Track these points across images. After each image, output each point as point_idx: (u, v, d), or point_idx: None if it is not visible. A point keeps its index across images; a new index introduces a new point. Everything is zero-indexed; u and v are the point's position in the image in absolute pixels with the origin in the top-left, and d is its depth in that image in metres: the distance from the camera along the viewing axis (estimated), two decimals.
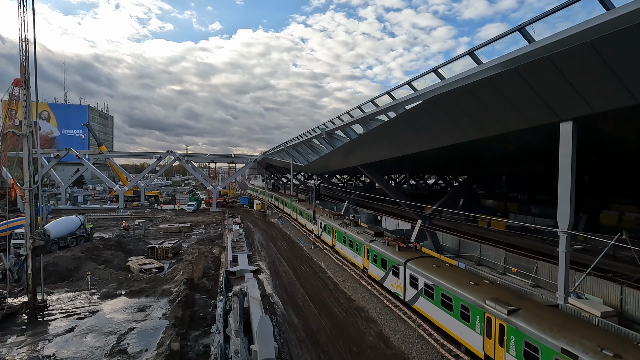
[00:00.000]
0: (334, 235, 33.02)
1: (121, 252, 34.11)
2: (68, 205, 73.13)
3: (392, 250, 21.96)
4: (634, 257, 14.58)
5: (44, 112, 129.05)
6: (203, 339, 17.56)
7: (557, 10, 10.09)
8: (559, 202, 12.63)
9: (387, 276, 21.80)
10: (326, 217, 37.76)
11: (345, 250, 29.79)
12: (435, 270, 17.74)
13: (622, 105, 9.91)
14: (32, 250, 20.37)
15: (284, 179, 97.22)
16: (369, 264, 24.72)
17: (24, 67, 19.52)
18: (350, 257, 28.60)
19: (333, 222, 34.13)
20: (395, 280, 20.84)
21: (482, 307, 13.71)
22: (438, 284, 16.63)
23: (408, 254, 20.62)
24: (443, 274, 17.16)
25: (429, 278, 17.38)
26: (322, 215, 39.13)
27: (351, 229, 29.72)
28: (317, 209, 42.72)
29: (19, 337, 17.43)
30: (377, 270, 23.25)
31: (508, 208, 46.15)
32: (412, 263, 19.36)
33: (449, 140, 17.83)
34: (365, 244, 25.17)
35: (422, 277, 18.02)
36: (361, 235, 26.76)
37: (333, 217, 36.47)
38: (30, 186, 20.41)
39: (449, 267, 18.30)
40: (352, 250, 27.89)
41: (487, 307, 13.44)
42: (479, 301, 14.02)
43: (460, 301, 15.00)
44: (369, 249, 24.47)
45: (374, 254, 23.79)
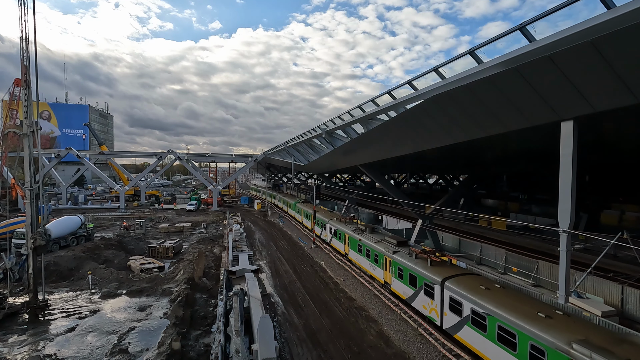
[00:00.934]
0: (346, 242, 30.05)
1: (122, 251, 34.17)
2: (69, 204, 73.26)
3: (422, 264, 18.88)
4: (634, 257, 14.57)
5: (45, 111, 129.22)
6: (204, 339, 17.59)
7: (558, 9, 10.06)
8: (559, 201, 12.61)
9: (417, 296, 18.68)
10: (336, 221, 34.36)
11: (361, 260, 26.64)
12: (485, 293, 14.51)
13: (623, 105, 9.88)
14: (33, 249, 20.41)
15: (285, 179, 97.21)
16: (392, 278, 21.67)
17: (25, 66, 19.53)
18: (367, 269, 25.45)
19: (345, 227, 31.08)
20: (428, 301, 17.66)
21: (567, 353, 10.35)
22: (493, 313, 13.39)
23: (444, 271, 17.54)
24: (498, 299, 13.94)
25: (478, 304, 14.22)
26: (332, 219, 35.56)
27: (367, 236, 26.59)
28: (325, 211, 40.58)
29: (20, 337, 17.48)
30: (403, 287, 20.26)
31: (509, 207, 46.10)
32: (452, 283, 16.14)
33: (450, 140, 17.80)
34: (388, 255, 22.19)
35: (468, 301, 14.81)
36: (381, 244, 23.82)
37: (345, 222, 33.09)
38: (31, 186, 20.43)
39: (502, 290, 14.76)
40: (370, 262, 24.75)
41: (579, 356, 9.96)
42: (561, 344, 10.64)
43: (529, 339, 11.74)
44: (393, 262, 21.48)
45: (398, 268, 20.78)
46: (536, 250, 26.26)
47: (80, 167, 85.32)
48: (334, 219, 35.46)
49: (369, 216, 49.84)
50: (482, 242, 28.88)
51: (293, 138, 48.70)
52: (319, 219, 38.96)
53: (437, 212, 29.21)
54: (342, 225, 32.21)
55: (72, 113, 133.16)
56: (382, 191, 47.12)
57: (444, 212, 30.58)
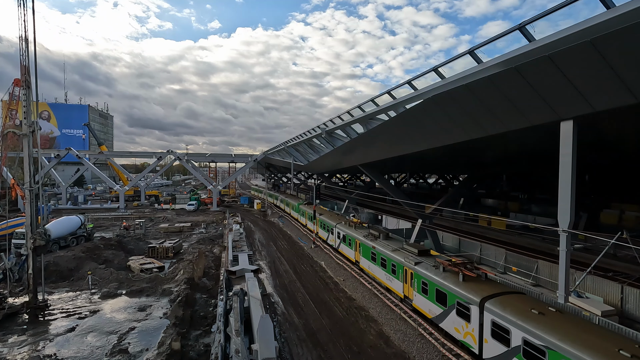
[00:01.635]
0: (357, 249, 27.35)
1: (122, 251, 34.16)
2: (69, 205, 73.21)
3: (452, 279, 16.18)
4: (634, 256, 14.59)
5: (44, 112, 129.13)
6: (204, 339, 17.59)
7: (558, 9, 10.08)
8: (559, 201, 12.63)
9: (447, 316, 16.02)
10: (345, 225, 31.49)
11: (375, 269, 24.02)
12: (540, 320, 11.71)
13: (622, 104, 9.90)
14: (32, 250, 20.40)
15: (284, 179, 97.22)
16: (413, 293, 19.01)
17: (24, 66, 19.53)
18: (382, 280, 22.85)
19: (356, 232, 28.35)
20: (461, 324, 14.96)
21: None
22: (557, 347, 10.66)
23: (481, 288, 14.82)
24: (559, 329, 11.18)
25: (533, 334, 11.50)
26: (340, 222, 32.82)
27: (382, 243, 23.93)
28: (332, 214, 38.84)
29: (20, 337, 17.47)
30: (428, 304, 17.57)
31: (508, 207, 46.13)
32: (494, 304, 13.45)
33: (449, 140, 17.81)
34: (408, 267, 19.54)
35: (518, 329, 12.10)
36: (399, 253, 21.24)
37: (355, 227, 30.16)
38: (30, 186, 20.43)
39: (560, 316, 11.92)
40: (386, 272, 22.16)
41: None
42: None
43: None
44: (415, 274, 18.81)
45: (422, 282, 18.11)
46: (536, 249, 26.28)
47: (79, 167, 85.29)
48: (342, 223, 32.75)
49: (368, 216, 49.87)
50: (482, 241, 28.90)
51: (293, 138, 48.73)
52: (326, 223, 36.18)
53: (437, 211, 29.22)
54: (352, 229, 29.64)
55: (72, 113, 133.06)
56: (382, 191, 47.13)
57: (443, 212, 30.60)
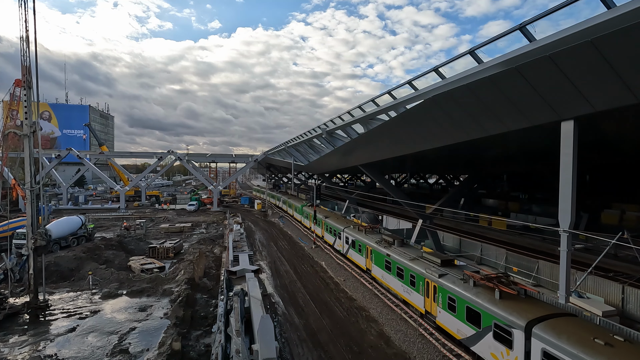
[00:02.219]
0: (369, 256, 25.15)
1: (122, 252, 34.16)
2: (69, 205, 73.29)
3: (487, 296, 13.92)
4: (635, 256, 14.56)
5: (45, 112, 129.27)
6: (204, 339, 17.59)
7: (559, 9, 10.07)
8: (560, 201, 12.61)
9: (482, 339, 13.96)
10: (354, 229, 29.35)
11: (389, 280, 21.89)
12: (609, 354, 9.56)
13: (623, 104, 9.89)
14: (33, 250, 20.42)
15: (285, 179, 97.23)
16: (437, 309, 16.83)
17: (25, 67, 19.54)
18: (399, 292, 20.82)
19: (367, 238, 26.15)
20: (500, 349, 13.00)
21: None
22: None
23: (524, 308, 12.55)
24: None
25: None
26: (349, 226, 30.80)
27: (397, 251, 21.74)
28: (339, 217, 37.30)
29: (21, 337, 17.48)
30: (457, 323, 15.38)
31: (509, 207, 46.09)
32: (545, 330, 11.22)
33: (450, 140, 17.81)
34: (431, 279, 17.42)
35: None
36: (419, 263, 19.17)
37: (365, 231, 27.79)
38: (31, 186, 20.45)
39: (630, 347, 9.81)
40: (404, 284, 20.08)
41: None
42: None
43: None
44: (439, 288, 16.71)
45: (449, 297, 15.92)
46: (537, 250, 26.24)
47: (80, 167, 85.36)
48: (350, 227, 30.64)
49: (369, 216, 49.87)
50: (483, 242, 28.88)
51: (293, 138, 48.74)
52: (332, 226, 34.26)
53: (437, 212, 29.21)
54: (362, 235, 27.37)
55: (73, 113, 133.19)
56: (382, 191, 47.14)
57: (444, 212, 30.58)
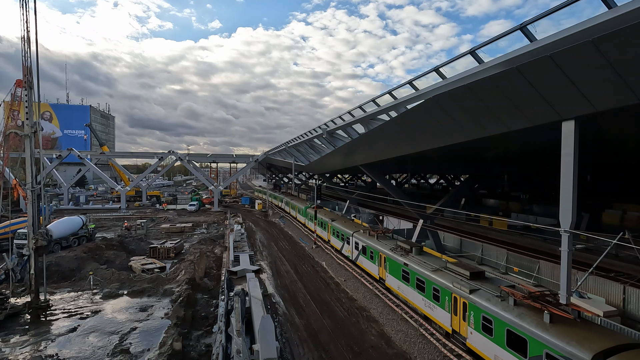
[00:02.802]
0: (382, 264, 22.90)
1: (123, 252, 34.21)
2: (70, 205, 73.37)
3: (534, 319, 11.68)
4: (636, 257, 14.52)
5: (46, 112, 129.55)
6: (205, 339, 17.60)
7: (559, 9, 10.04)
8: (561, 201, 12.58)
9: None
10: (365, 234, 27.01)
11: (407, 292, 19.60)
12: None
13: (624, 104, 9.86)
14: (34, 250, 20.47)
15: (285, 179, 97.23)
16: (468, 330, 14.61)
17: (26, 67, 19.59)
18: (419, 306, 18.50)
19: (380, 244, 23.81)
20: None
21: None
22: None
23: (584, 336, 10.57)
24: None
25: None
26: (358, 231, 28.56)
27: (416, 260, 19.43)
28: (346, 220, 35.15)
29: (22, 337, 17.52)
30: (494, 348, 13.22)
31: (510, 207, 46.05)
32: None
33: (450, 140, 17.78)
34: (460, 294, 15.16)
35: None
36: (443, 274, 16.93)
37: (377, 237, 25.36)
38: (32, 186, 20.49)
39: None
40: (426, 297, 17.80)
41: None
42: None
43: None
44: (470, 305, 14.53)
45: (483, 317, 13.72)
46: (537, 250, 26.23)
47: (81, 167, 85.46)
48: (360, 231, 28.34)
49: (369, 216, 49.84)
50: (484, 242, 28.86)
51: (294, 138, 48.75)
52: (339, 230, 32.05)
53: (438, 212, 29.19)
54: (374, 240, 24.98)
55: (74, 114, 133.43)
56: (383, 191, 47.10)
57: (445, 212, 30.56)
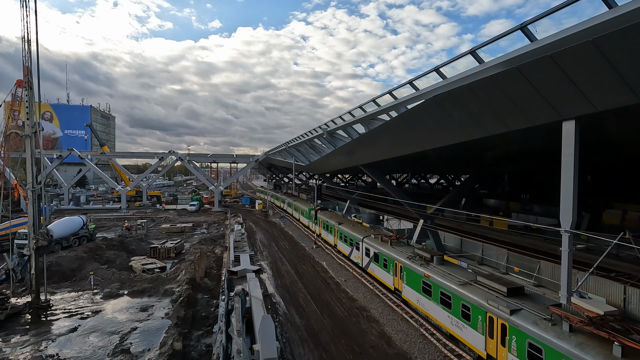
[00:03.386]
0: (398, 274, 20.18)
1: (124, 252, 34.23)
2: (71, 205, 73.45)
3: (600, 352, 9.89)
4: (637, 257, 14.51)
5: (47, 112, 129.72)
6: (205, 339, 17.61)
7: (560, 8, 10.03)
8: (561, 201, 12.57)
9: None
10: (376, 240, 24.46)
11: (429, 307, 17.32)
12: None
13: (625, 104, 9.85)
14: (35, 250, 20.49)
15: (286, 179, 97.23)
16: (509, 357, 12.59)
17: (27, 67, 19.60)
18: (444, 324, 16.31)
19: (394, 252, 21.11)
20: None
21: None
22: None
23: None
24: None
25: None
26: (369, 236, 26.03)
27: (439, 270, 16.89)
28: (355, 224, 33.21)
29: (23, 337, 17.53)
30: None
31: (510, 207, 46.00)
32: None
33: (451, 140, 17.77)
34: (498, 315, 13.04)
35: None
36: (473, 289, 14.75)
37: (391, 243, 22.77)
38: (33, 187, 20.50)
39: None
40: (452, 315, 15.57)
41: None
42: None
43: None
44: (511, 329, 12.46)
45: (529, 343, 11.71)
46: (538, 250, 26.19)
47: (82, 167, 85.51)
48: (370, 236, 25.89)
49: (370, 216, 49.83)
50: (484, 242, 28.82)
51: (294, 138, 48.75)
52: (347, 234, 29.93)
53: (438, 212, 29.17)
54: (388, 247, 22.59)
55: (74, 114, 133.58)
56: (383, 191, 47.08)
57: (445, 212, 30.54)
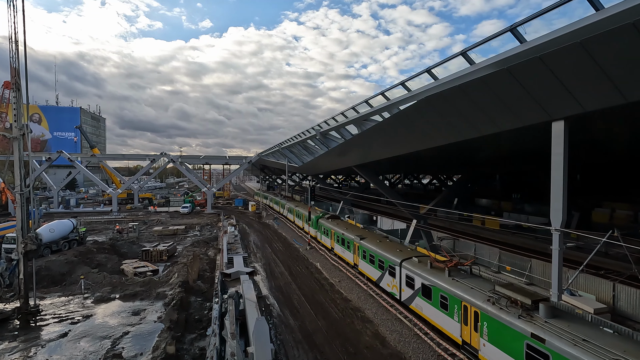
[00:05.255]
0: (470, 322, 14.37)
1: (115, 255, 33.81)
2: (60, 208, 72.34)
3: None
4: (625, 254, 14.76)
5: (35, 114, 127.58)
6: (199, 342, 17.45)
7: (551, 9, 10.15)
8: (551, 200, 12.75)
9: None
10: (423, 267, 17.87)
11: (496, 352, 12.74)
12: None
13: (612, 105, 10.03)
14: (23, 254, 20.11)
15: (279, 180, 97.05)
16: None
17: (14, 69, 19.28)
18: None
19: (461, 288, 15.00)
20: None
21: None
22: None
23: None
24: None
25: None
26: (409, 258, 19.33)
27: (555, 329, 10.94)
28: (380, 238, 26.13)
29: (11, 343, 17.18)
30: None
31: (502, 207, 46.47)
32: None
33: (443, 140, 17.92)
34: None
35: None
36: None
37: (450, 272, 16.27)
38: (21, 190, 20.15)
39: None
40: None
41: None
42: None
43: None
44: None
45: None
46: (529, 249, 26.50)
47: (71, 170, 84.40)
48: (413, 259, 18.96)
49: (363, 217, 49.95)
50: (476, 241, 29.08)
51: (287, 139, 48.67)
52: (377, 254, 22.57)
53: (431, 212, 29.38)
54: (445, 278, 16.05)
55: (63, 116, 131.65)
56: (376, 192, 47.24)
57: (438, 212, 30.76)
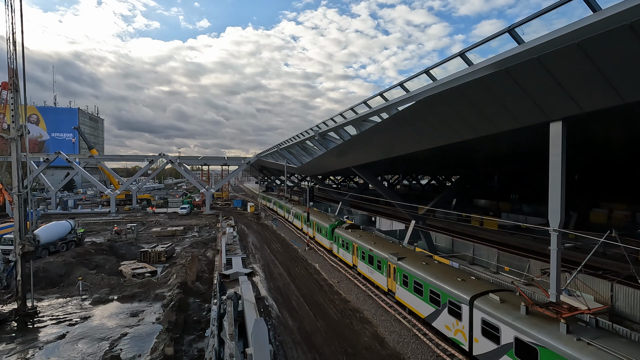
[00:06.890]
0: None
1: (113, 256, 33.67)
2: (58, 209, 72.08)
3: None
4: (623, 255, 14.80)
5: (33, 115, 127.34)
6: (197, 343, 17.41)
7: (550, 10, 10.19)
8: (549, 200, 12.79)
9: None
10: (509, 309, 12.65)
11: None
12: None
13: (609, 105, 10.07)
14: (21, 256, 20.04)
15: (278, 181, 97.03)
16: None
17: (12, 70, 19.24)
18: None
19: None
20: None
21: None
22: None
23: None
24: None
25: None
26: (482, 294, 14.19)
27: None
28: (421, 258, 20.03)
29: (9, 345, 17.11)
30: None
31: (500, 207, 46.58)
32: None
33: (441, 141, 17.95)
34: None
35: None
36: None
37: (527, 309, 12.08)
38: (19, 191, 20.07)
39: None
40: None
41: None
42: None
43: None
44: None
45: None
46: (528, 249, 26.56)
47: (69, 171, 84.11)
48: (489, 298, 13.86)
49: (362, 217, 49.95)
50: (475, 242, 29.12)
51: (286, 140, 48.72)
52: (425, 283, 17.36)
53: (429, 212, 29.40)
54: (531, 324, 11.57)
55: (61, 116, 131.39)
56: (375, 192, 47.30)
57: (436, 213, 30.79)
